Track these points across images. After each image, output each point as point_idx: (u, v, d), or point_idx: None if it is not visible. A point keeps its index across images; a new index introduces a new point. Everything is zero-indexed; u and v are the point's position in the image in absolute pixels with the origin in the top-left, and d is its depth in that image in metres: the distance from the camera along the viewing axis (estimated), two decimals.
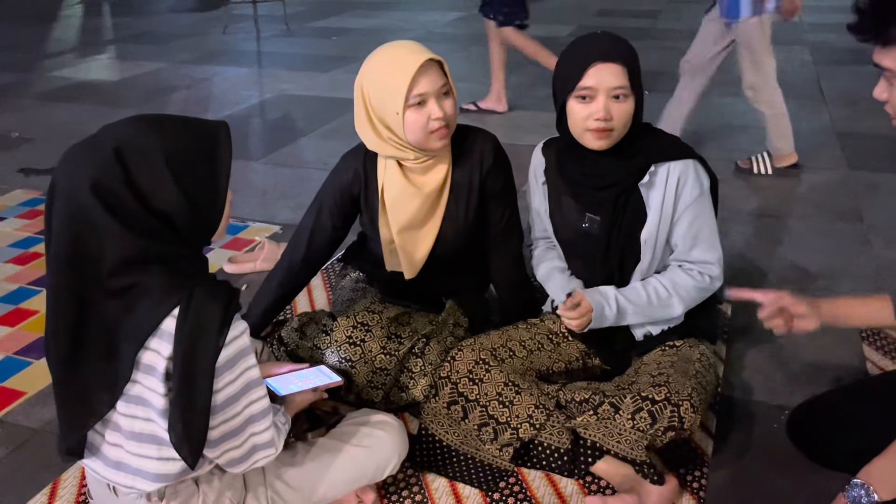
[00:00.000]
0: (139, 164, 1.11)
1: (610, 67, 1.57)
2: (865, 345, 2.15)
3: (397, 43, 1.69)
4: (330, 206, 1.84)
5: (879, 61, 1.20)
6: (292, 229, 2.95)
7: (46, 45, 7.02)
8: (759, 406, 1.91)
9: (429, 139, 1.66)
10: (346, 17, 8.17)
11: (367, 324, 1.81)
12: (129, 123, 1.17)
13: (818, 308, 1.47)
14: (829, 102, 4.61)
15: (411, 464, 1.69)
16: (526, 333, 1.83)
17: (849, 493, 1.38)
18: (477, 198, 1.81)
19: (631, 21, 7.50)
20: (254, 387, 1.21)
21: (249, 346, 1.19)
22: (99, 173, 1.10)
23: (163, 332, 1.13)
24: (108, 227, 1.09)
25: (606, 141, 1.62)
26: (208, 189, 1.18)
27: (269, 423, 1.25)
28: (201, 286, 1.15)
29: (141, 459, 1.20)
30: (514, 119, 4.37)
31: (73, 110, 4.74)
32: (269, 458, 1.28)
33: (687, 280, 1.71)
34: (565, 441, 1.64)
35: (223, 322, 1.14)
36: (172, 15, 8.60)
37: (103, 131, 1.16)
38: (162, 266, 1.13)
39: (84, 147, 1.14)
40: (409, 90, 1.60)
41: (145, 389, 1.15)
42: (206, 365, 1.12)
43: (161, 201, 1.13)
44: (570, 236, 1.79)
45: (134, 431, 1.19)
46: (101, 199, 1.09)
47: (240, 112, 4.74)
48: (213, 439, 1.19)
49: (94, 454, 1.25)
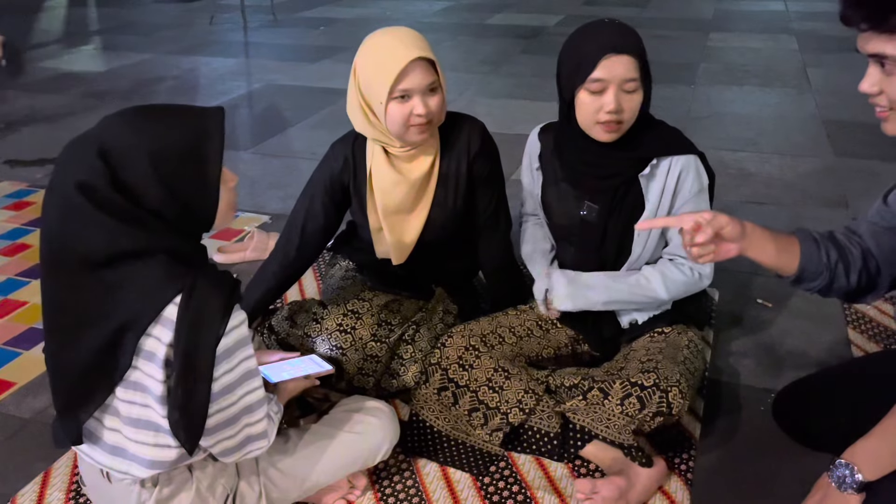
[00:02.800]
0: (123, 165, 1.11)
1: (622, 59, 1.54)
2: (850, 328, 2.18)
3: (396, 31, 1.68)
4: (321, 195, 1.85)
5: (878, 49, 1.16)
6: (281, 219, 2.97)
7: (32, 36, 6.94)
8: (745, 389, 1.94)
9: (407, 132, 1.67)
10: (333, 7, 8.13)
11: (357, 311, 1.82)
12: (115, 119, 1.15)
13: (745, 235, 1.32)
14: (816, 90, 4.63)
15: (402, 449, 1.70)
16: (515, 320, 1.84)
17: (833, 472, 1.40)
18: (465, 184, 1.82)
19: (619, 10, 7.50)
20: (251, 377, 1.22)
21: (248, 335, 1.20)
22: (84, 174, 1.10)
23: (164, 319, 1.13)
24: (101, 221, 1.09)
25: (616, 133, 1.61)
26: (198, 183, 1.17)
27: (263, 413, 1.26)
28: (204, 275, 1.15)
29: (137, 445, 1.21)
30: (506, 108, 4.37)
31: (59, 101, 4.71)
32: (261, 449, 1.29)
33: (676, 273, 1.72)
34: (555, 425, 1.66)
35: (225, 311, 1.14)
36: (158, 5, 8.52)
37: (94, 128, 1.16)
38: (161, 255, 1.13)
39: (74, 144, 1.14)
40: (395, 84, 1.60)
41: (144, 375, 1.16)
42: (206, 353, 1.13)
43: (149, 199, 1.12)
44: (566, 222, 1.79)
45: (131, 417, 1.19)
46: (89, 198, 1.09)
47: (227, 102, 4.71)
48: (208, 427, 1.19)
49: (91, 440, 1.25)
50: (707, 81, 4.93)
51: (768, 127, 4.02)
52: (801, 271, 1.36)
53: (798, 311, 2.28)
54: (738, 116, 4.20)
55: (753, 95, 4.60)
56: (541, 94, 4.44)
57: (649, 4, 7.89)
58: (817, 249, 1.37)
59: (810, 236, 1.38)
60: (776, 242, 1.35)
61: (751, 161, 3.52)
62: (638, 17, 7.09)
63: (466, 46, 6.16)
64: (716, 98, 4.58)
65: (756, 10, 7.39)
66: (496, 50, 5.97)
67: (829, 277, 1.36)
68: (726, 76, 5.04)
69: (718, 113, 4.26)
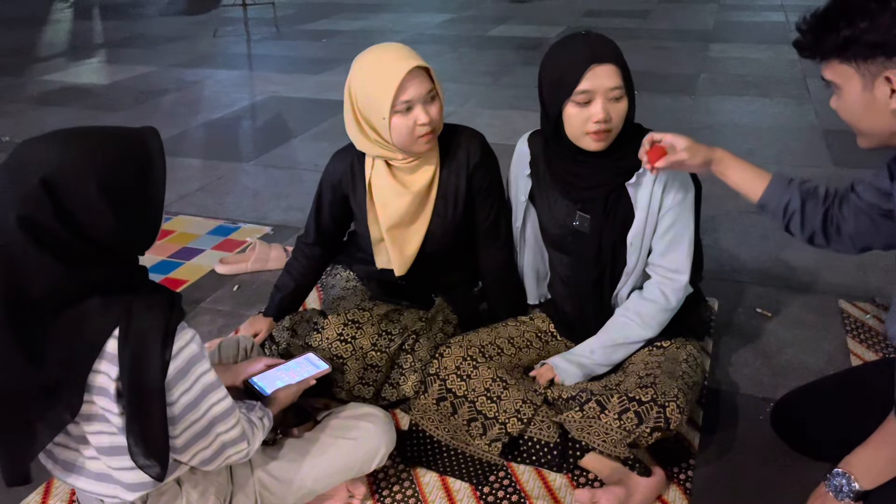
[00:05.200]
0: (68, 193, 1.04)
1: (606, 69, 1.56)
2: (849, 337, 2.18)
3: (385, 46, 1.71)
4: (328, 205, 1.89)
5: (823, 75, 1.28)
6: (283, 230, 3.00)
7: (36, 49, 7.01)
8: (744, 399, 1.94)
9: (415, 143, 1.69)
10: (336, 20, 8.19)
11: (357, 321, 1.83)
12: (53, 146, 1.07)
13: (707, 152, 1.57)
14: (815, 100, 4.65)
15: (402, 459, 1.71)
16: (514, 331, 1.85)
17: (830, 481, 1.41)
18: (464, 195, 1.83)
19: (620, 21, 7.54)
20: (212, 390, 1.18)
21: (200, 351, 1.16)
22: (26, 208, 1.02)
23: (107, 354, 1.09)
24: (39, 260, 1.04)
25: (605, 142, 1.62)
26: (143, 205, 1.13)
27: (235, 419, 1.23)
28: (140, 300, 1.10)
29: (118, 471, 1.19)
30: (507, 119, 4.40)
31: (64, 114, 4.75)
32: (242, 452, 1.27)
33: (648, 307, 1.71)
34: (554, 435, 1.66)
35: (166, 335, 1.09)
36: (162, 18, 8.59)
37: (24, 155, 1.06)
38: (98, 288, 1.09)
39: (7, 177, 1.05)
40: (396, 97, 1.62)
41: (102, 409, 1.14)
42: (153, 382, 1.09)
43: (96, 230, 1.07)
44: (558, 232, 1.80)
45: (104, 446, 1.17)
46: (30, 234, 1.03)
47: (231, 114, 4.76)
48: (179, 446, 1.18)
49: (75, 472, 1.23)
50: (708, 92, 4.95)
51: (768, 136, 4.04)
52: (761, 205, 1.57)
53: (797, 321, 2.29)
54: (738, 126, 4.22)
55: (753, 105, 4.62)
56: None
57: (650, 16, 7.93)
58: (782, 193, 1.54)
59: (784, 180, 1.55)
60: (745, 173, 1.58)
61: None
62: (639, 29, 7.13)
63: (468, 58, 6.20)
64: (716, 108, 4.60)
65: (756, 20, 7.43)
66: (497, 61, 6.01)
67: (786, 221, 1.56)
68: (727, 86, 5.06)
69: (719, 123, 4.28)
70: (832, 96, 1.31)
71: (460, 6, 8.97)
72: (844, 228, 1.51)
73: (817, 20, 1.24)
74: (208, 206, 3.29)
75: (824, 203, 1.53)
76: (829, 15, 1.22)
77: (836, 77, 1.26)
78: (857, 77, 1.22)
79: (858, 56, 1.20)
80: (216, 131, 4.43)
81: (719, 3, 8.61)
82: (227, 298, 2.52)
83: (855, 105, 1.26)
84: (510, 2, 9.19)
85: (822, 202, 1.53)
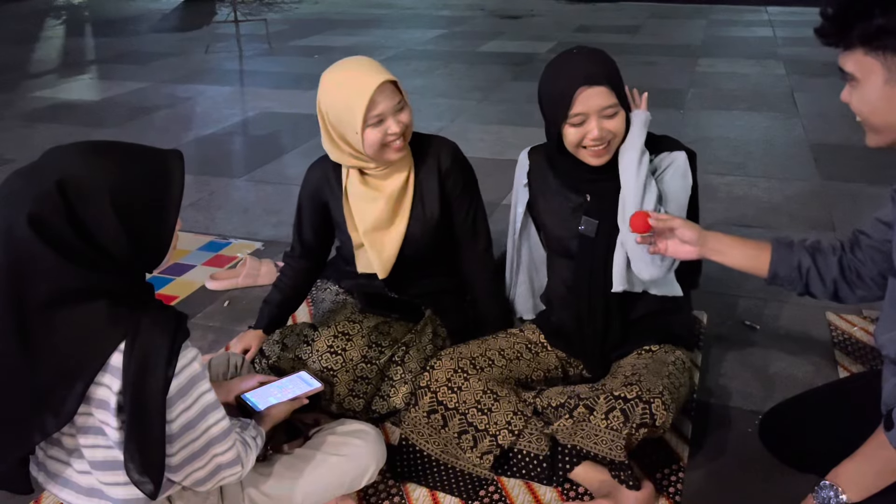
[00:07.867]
0: (82, 200, 1.07)
1: (595, 91, 1.58)
2: (836, 350, 2.20)
3: (351, 62, 1.75)
4: (309, 216, 1.94)
5: (843, 66, 1.23)
6: (274, 245, 3.00)
7: (28, 66, 7.01)
8: (733, 411, 1.95)
9: (386, 152, 1.75)
10: (327, 36, 8.22)
11: (347, 333, 1.84)
12: (76, 153, 1.11)
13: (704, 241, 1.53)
14: (803, 115, 4.70)
15: (392, 474, 1.71)
16: (505, 343, 1.86)
17: (818, 494, 1.41)
18: (438, 199, 1.88)
19: (610, 36, 7.60)
20: (210, 410, 1.19)
21: (202, 371, 1.17)
22: (38, 206, 1.05)
23: (111, 367, 1.10)
24: (45, 258, 1.05)
25: (606, 156, 1.65)
26: (155, 225, 1.15)
27: (231, 442, 1.24)
28: (147, 316, 1.12)
29: (109, 487, 1.19)
30: (498, 134, 4.42)
31: (55, 131, 4.74)
32: (234, 475, 1.27)
33: None
34: (544, 447, 1.67)
35: (171, 353, 1.11)
36: (154, 35, 8.61)
37: (48, 159, 1.10)
38: (104, 297, 1.10)
39: (27, 176, 1.09)
40: (368, 112, 1.67)
41: (100, 422, 1.14)
42: (156, 398, 1.10)
43: (103, 238, 1.09)
44: (563, 234, 1.80)
45: (97, 460, 1.17)
46: (38, 232, 1.05)
47: (222, 130, 4.76)
48: (174, 465, 1.18)
49: (64, 485, 1.23)
50: (696, 106, 4.99)
51: (756, 151, 4.07)
52: (771, 276, 1.53)
53: (785, 333, 2.30)
54: (726, 141, 4.25)
55: (742, 120, 4.66)
56: (531, 121, 4.47)
57: (640, 31, 8.00)
58: (789, 256, 1.50)
59: (784, 245, 1.52)
60: (744, 249, 1.53)
61: (739, 185, 3.56)
62: (628, 44, 7.19)
63: (459, 73, 6.23)
64: (705, 123, 4.63)
65: (744, 35, 7.51)
66: (488, 77, 6.05)
67: (804, 282, 1.52)
68: (715, 101, 5.11)
69: (707, 137, 4.31)
70: (845, 87, 1.24)
71: (452, 22, 9.03)
72: (864, 272, 1.48)
73: (851, 3, 1.18)
74: (199, 221, 3.29)
75: (834, 253, 1.50)
76: (864, 0, 1.16)
77: (857, 68, 1.20)
78: (881, 70, 1.16)
79: (888, 48, 1.14)
80: (208, 147, 4.44)
81: (708, 18, 8.70)
82: (218, 314, 2.52)
83: (874, 99, 1.19)
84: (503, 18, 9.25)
85: (832, 253, 1.50)
